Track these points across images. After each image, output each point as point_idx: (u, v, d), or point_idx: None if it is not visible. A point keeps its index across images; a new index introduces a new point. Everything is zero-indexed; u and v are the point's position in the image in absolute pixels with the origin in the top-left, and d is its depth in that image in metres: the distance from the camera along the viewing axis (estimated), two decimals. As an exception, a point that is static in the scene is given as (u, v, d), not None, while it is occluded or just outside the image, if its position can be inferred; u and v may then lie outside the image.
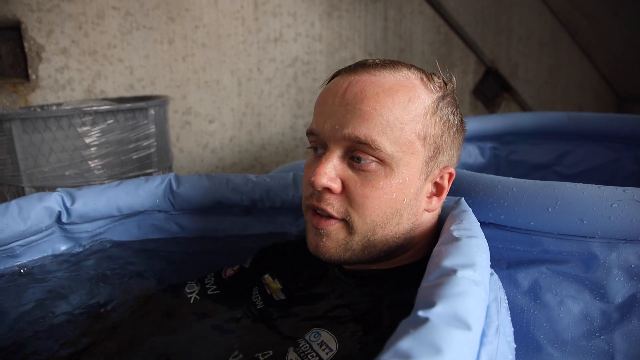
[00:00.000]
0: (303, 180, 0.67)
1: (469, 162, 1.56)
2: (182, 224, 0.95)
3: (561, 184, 0.69)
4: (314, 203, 0.61)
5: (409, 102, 0.60)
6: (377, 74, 0.61)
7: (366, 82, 0.60)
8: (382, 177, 0.59)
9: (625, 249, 0.67)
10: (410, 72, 0.62)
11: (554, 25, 2.58)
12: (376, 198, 0.59)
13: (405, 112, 0.59)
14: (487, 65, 2.54)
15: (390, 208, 0.60)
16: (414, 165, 0.60)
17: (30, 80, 1.66)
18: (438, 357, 0.32)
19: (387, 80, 0.60)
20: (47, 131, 1.15)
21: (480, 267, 0.46)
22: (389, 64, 0.62)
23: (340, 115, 0.59)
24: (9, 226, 0.77)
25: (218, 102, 2.00)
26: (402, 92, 0.60)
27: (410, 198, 0.61)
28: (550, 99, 2.71)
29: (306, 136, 0.66)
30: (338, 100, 0.60)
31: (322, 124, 0.61)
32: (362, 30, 2.23)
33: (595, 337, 0.69)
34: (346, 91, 0.60)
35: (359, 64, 0.63)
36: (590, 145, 1.46)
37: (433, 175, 0.64)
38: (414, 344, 0.33)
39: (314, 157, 0.65)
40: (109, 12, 1.73)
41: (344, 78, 0.62)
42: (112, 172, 1.25)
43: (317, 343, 0.56)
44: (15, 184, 1.17)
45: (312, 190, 0.61)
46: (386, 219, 0.60)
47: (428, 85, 0.62)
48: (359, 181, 0.59)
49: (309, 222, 0.64)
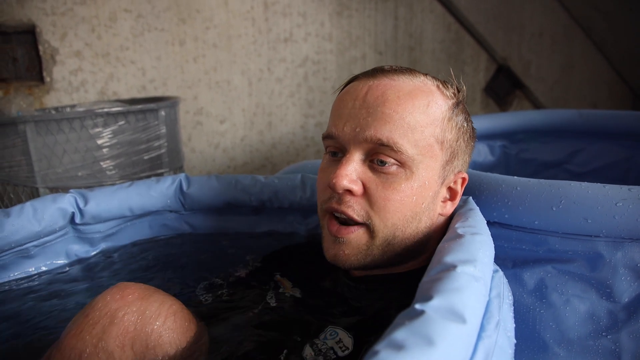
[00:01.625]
0: (318, 184, 0.67)
1: (479, 161, 1.55)
2: (192, 223, 0.97)
3: (565, 183, 0.69)
4: (333, 206, 0.61)
5: (428, 106, 0.61)
6: (396, 78, 0.62)
7: (387, 86, 0.61)
8: (403, 180, 0.60)
9: (631, 248, 0.66)
10: (427, 79, 0.64)
11: (566, 21, 2.55)
12: (397, 201, 0.60)
13: (425, 116, 0.60)
14: (499, 63, 2.52)
15: (410, 211, 0.61)
16: (433, 168, 0.62)
17: (45, 83, 1.70)
18: (430, 349, 0.33)
19: (407, 84, 0.61)
20: (60, 133, 1.17)
21: (481, 264, 0.47)
22: (406, 70, 0.64)
23: (361, 118, 0.60)
24: (24, 227, 0.79)
25: (229, 102, 2.02)
26: (422, 97, 0.61)
27: (428, 202, 0.62)
28: (563, 97, 2.68)
29: (322, 140, 0.66)
30: (359, 104, 0.61)
31: (342, 127, 0.61)
32: (372, 29, 2.23)
33: (602, 337, 0.69)
34: (367, 94, 0.61)
35: (377, 69, 0.64)
36: (602, 142, 1.44)
37: (448, 179, 0.65)
38: (408, 335, 0.34)
39: (331, 161, 0.65)
40: (121, 14, 1.76)
41: (362, 82, 0.63)
42: (124, 172, 1.27)
43: (335, 341, 0.57)
44: (30, 185, 1.20)
45: (331, 193, 0.62)
46: (406, 222, 0.61)
47: (444, 91, 0.64)
48: (380, 184, 0.60)
49: (326, 229, 0.64)
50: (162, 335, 0.53)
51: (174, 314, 0.56)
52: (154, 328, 0.53)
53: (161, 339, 0.53)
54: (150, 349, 0.53)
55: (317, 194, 0.68)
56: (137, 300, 0.55)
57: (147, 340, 0.53)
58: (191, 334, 0.57)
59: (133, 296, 0.55)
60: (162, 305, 0.56)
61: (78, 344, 0.51)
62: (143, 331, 0.53)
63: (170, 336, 0.54)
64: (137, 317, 0.53)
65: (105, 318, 0.53)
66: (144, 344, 0.53)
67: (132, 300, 0.55)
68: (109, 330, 0.52)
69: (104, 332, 0.52)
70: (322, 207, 0.64)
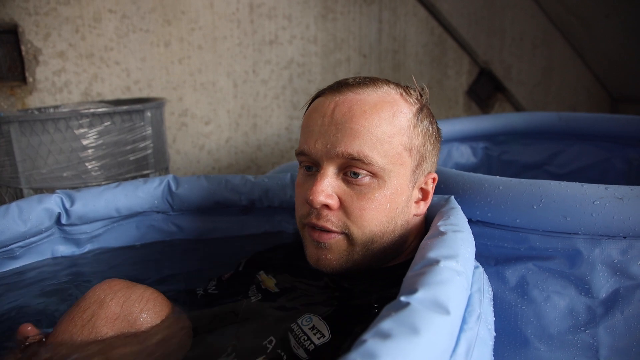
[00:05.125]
0: (297, 198, 0.70)
1: (462, 162, 1.58)
2: (180, 224, 0.97)
3: (545, 182, 0.71)
4: (312, 221, 0.64)
5: (394, 116, 0.63)
6: (361, 92, 0.64)
7: (352, 101, 0.63)
8: (376, 189, 0.62)
9: (608, 245, 0.69)
10: (390, 88, 0.66)
11: (546, 26, 2.61)
12: (373, 209, 0.62)
13: (391, 127, 0.63)
14: (481, 67, 2.57)
15: (385, 217, 0.64)
16: (403, 174, 0.64)
17: (28, 83, 1.68)
18: (415, 337, 0.34)
19: (371, 97, 0.64)
20: (45, 133, 1.16)
21: (463, 259, 0.48)
22: (369, 82, 0.66)
23: (331, 135, 0.62)
24: (9, 228, 0.79)
25: (214, 103, 2.01)
26: (387, 108, 0.63)
27: (402, 206, 0.65)
28: (543, 100, 2.73)
29: (296, 156, 0.68)
30: (327, 120, 0.63)
31: (314, 144, 0.64)
32: (356, 33, 2.25)
33: (581, 332, 0.71)
34: (334, 111, 0.63)
35: (341, 84, 0.66)
36: (581, 145, 1.49)
37: (419, 182, 0.68)
38: (394, 325, 0.36)
39: (306, 175, 0.68)
40: (106, 15, 1.75)
41: (328, 98, 0.65)
42: (109, 173, 1.26)
43: (308, 327, 0.59)
44: (14, 186, 1.19)
45: (309, 208, 0.64)
46: (383, 228, 0.64)
47: (407, 99, 0.67)
48: (355, 195, 0.62)
49: (307, 238, 0.67)
50: (143, 315, 0.61)
51: (155, 299, 0.63)
52: (137, 309, 0.61)
53: (142, 319, 0.61)
54: (133, 327, 0.60)
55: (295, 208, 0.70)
56: (123, 289, 0.62)
57: (131, 320, 0.60)
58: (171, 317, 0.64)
59: (119, 286, 0.63)
60: (144, 291, 0.63)
61: (69, 327, 0.58)
62: (127, 312, 0.60)
63: (150, 317, 0.61)
64: (122, 301, 0.61)
65: (94, 304, 0.60)
66: (128, 323, 0.60)
67: (119, 288, 0.62)
68: (97, 313, 0.59)
69: (93, 315, 0.59)
70: (302, 221, 0.67)
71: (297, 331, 0.59)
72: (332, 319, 0.60)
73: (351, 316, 0.60)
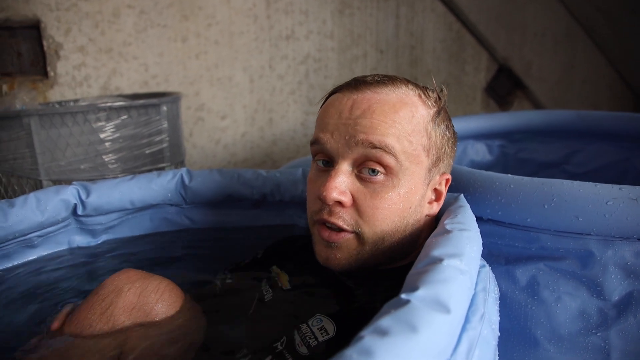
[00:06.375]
0: (308, 194, 0.69)
1: (477, 160, 1.56)
2: (192, 217, 0.98)
3: (557, 182, 0.70)
4: (324, 217, 0.63)
5: (413, 117, 0.63)
6: (380, 91, 0.63)
7: (371, 100, 0.62)
8: (390, 188, 0.62)
9: (621, 247, 0.67)
10: (409, 89, 0.65)
11: (569, 22, 2.56)
12: (385, 209, 0.62)
13: (411, 126, 0.62)
14: (500, 63, 2.53)
15: (398, 217, 0.63)
16: (418, 174, 0.63)
17: (49, 78, 1.71)
18: (413, 335, 0.34)
19: (390, 97, 0.63)
20: (64, 126, 1.19)
21: (467, 258, 0.48)
22: (388, 81, 0.65)
23: (349, 127, 0.61)
24: (27, 217, 0.81)
25: (230, 98, 2.03)
26: (406, 109, 0.63)
27: (415, 205, 0.65)
28: (564, 98, 2.68)
29: (310, 147, 0.67)
30: (345, 116, 0.62)
31: (330, 135, 0.63)
32: (373, 28, 2.24)
33: (592, 334, 0.70)
34: (352, 108, 0.62)
35: (359, 82, 0.65)
36: (600, 144, 1.45)
37: (434, 181, 0.67)
38: (393, 322, 0.36)
39: (319, 171, 0.67)
40: (125, 10, 1.77)
41: (346, 96, 0.64)
42: (126, 166, 1.28)
43: (317, 328, 0.59)
44: (34, 177, 1.22)
45: (321, 204, 0.63)
46: (395, 228, 0.63)
47: (426, 101, 0.66)
48: (369, 194, 0.62)
49: (317, 236, 0.66)
50: (159, 305, 0.62)
51: (170, 290, 0.64)
52: (153, 299, 0.62)
53: (158, 309, 0.62)
54: (149, 317, 0.61)
55: (307, 204, 0.69)
56: (140, 279, 0.64)
57: (146, 309, 0.61)
58: (185, 309, 0.65)
59: (136, 276, 0.64)
60: (161, 282, 0.65)
61: (88, 315, 0.60)
62: (143, 302, 0.61)
63: (165, 307, 0.63)
64: (140, 291, 0.62)
65: (112, 293, 0.61)
66: (143, 312, 0.61)
67: (136, 279, 0.63)
68: (115, 302, 0.60)
69: (110, 304, 0.60)
70: (313, 218, 0.66)
71: (306, 331, 0.59)
72: (338, 318, 0.60)
73: (357, 317, 0.60)
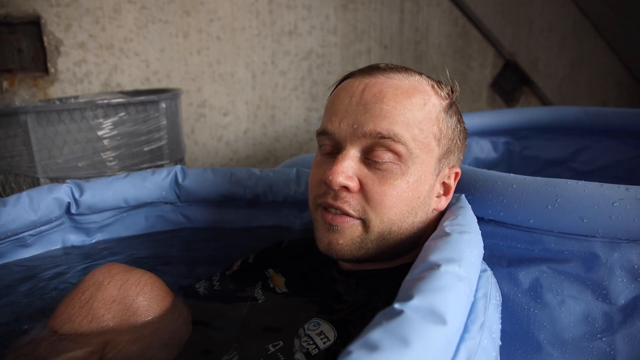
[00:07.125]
0: (311, 179, 0.66)
1: (481, 157, 1.53)
2: (188, 215, 0.97)
3: (561, 181, 0.67)
4: (329, 201, 0.60)
5: (425, 105, 0.61)
6: (393, 76, 0.62)
7: (384, 84, 0.61)
8: (399, 175, 0.60)
9: (628, 249, 0.65)
10: (422, 79, 0.64)
11: (576, 16, 2.51)
12: (394, 196, 0.59)
13: (423, 113, 0.61)
14: (506, 59, 2.49)
15: (406, 206, 0.61)
16: (428, 162, 0.62)
17: (50, 74, 1.70)
18: (405, 350, 0.32)
19: (403, 83, 0.62)
20: (61, 124, 1.18)
21: (467, 263, 0.46)
22: (401, 69, 0.64)
23: (359, 114, 0.60)
24: (20, 216, 0.80)
25: (232, 95, 2.01)
26: (419, 95, 0.61)
27: (424, 196, 0.63)
28: (572, 94, 2.64)
29: (317, 137, 0.65)
30: (356, 100, 0.61)
31: (338, 123, 0.61)
32: (377, 23, 2.21)
33: (597, 339, 0.68)
34: (364, 91, 0.61)
35: (372, 67, 0.64)
36: (608, 141, 1.42)
37: (443, 173, 0.65)
38: (384, 335, 0.33)
39: (326, 155, 0.64)
40: (125, 6, 1.76)
41: (358, 80, 0.63)
42: (124, 163, 1.27)
43: (316, 332, 0.56)
44: (31, 175, 1.21)
45: (326, 188, 0.61)
46: (403, 217, 0.61)
47: (439, 92, 0.64)
48: (377, 179, 0.59)
49: (319, 220, 0.63)
50: (139, 299, 0.61)
51: (152, 283, 0.63)
52: (133, 292, 0.61)
53: (139, 302, 0.61)
54: (129, 310, 0.60)
55: (309, 188, 0.67)
56: (121, 272, 0.63)
57: (127, 302, 0.60)
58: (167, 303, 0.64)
59: (117, 269, 0.63)
60: (142, 276, 0.63)
61: (68, 309, 0.59)
62: (124, 295, 0.60)
63: (147, 300, 0.61)
64: (120, 284, 0.61)
65: (93, 287, 0.60)
66: (124, 305, 0.60)
67: (117, 272, 0.63)
68: (95, 296, 0.60)
69: (90, 297, 0.60)
70: (316, 201, 0.63)
71: (303, 335, 0.57)
72: (339, 323, 0.58)
73: (358, 319, 0.58)
